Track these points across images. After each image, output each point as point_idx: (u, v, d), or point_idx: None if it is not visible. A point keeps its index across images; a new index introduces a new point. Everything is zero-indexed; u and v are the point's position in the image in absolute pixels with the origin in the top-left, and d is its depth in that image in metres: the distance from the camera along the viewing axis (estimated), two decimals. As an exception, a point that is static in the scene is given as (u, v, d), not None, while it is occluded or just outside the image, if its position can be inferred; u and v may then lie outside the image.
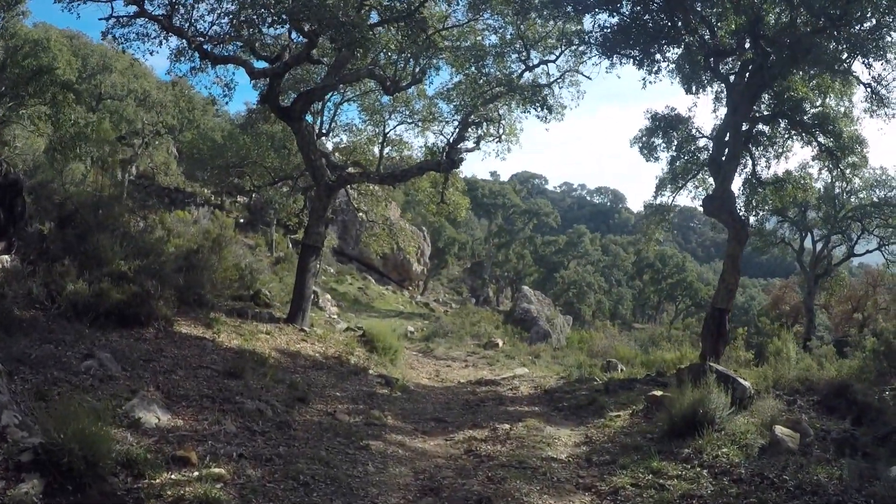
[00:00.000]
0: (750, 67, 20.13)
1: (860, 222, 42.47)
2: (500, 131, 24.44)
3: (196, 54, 18.72)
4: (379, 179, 23.74)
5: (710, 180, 23.60)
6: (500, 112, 24.15)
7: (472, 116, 23.07)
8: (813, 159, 26.05)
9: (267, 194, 31.40)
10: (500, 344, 30.58)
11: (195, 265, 19.05)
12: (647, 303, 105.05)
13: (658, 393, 14.19)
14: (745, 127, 21.21)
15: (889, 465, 9.06)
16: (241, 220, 49.34)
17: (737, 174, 22.18)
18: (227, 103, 25.53)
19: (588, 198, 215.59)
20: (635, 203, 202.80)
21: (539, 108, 22.26)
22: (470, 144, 24.45)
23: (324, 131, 27.14)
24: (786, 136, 23.58)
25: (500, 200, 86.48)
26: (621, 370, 24.24)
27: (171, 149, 48.37)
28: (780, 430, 10.57)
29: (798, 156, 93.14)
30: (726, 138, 21.31)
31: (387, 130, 26.59)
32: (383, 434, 11.97)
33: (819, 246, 45.27)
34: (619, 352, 29.73)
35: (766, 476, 9.12)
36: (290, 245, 47.61)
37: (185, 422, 9.89)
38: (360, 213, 27.72)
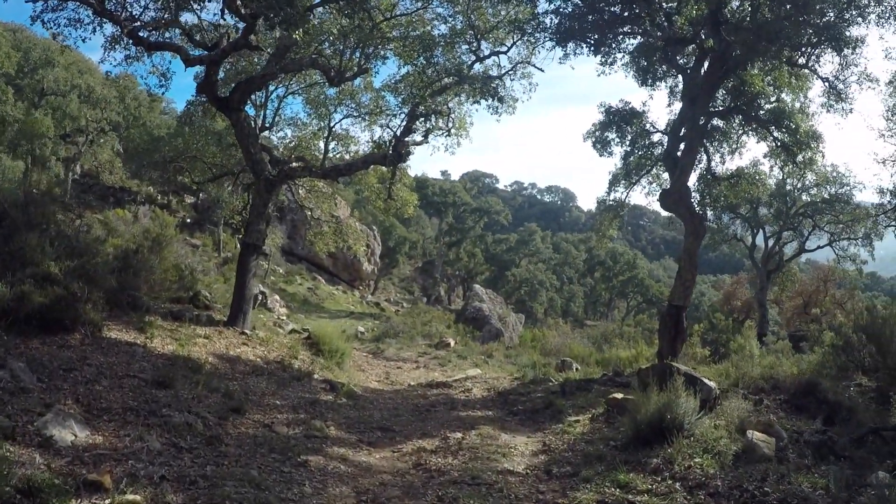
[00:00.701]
0: (709, 57, 19.60)
1: (811, 218, 43.17)
2: (450, 125, 23.78)
3: (130, 42, 17.68)
4: (322, 174, 22.81)
5: (665, 176, 23.43)
6: (450, 105, 23.54)
7: (421, 108, 22.28)
8: (765, 156, 26.41)
9: (209, 191, 30.00)
10: (452, 343, 29.88)
11: (131, 266, 18.25)
12: (598, 300, 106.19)
13: (619, 395, 13.36)
14: (701, 121, 20.61)
15: (873, 470, 8.42)
16: (188, 220, 48.60)
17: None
18: (163, 93, 24.28)
19: (539, 196, 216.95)
20: (586, 202, 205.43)
21: (490, 100, 21.78)
22: (418, 138, 23.82)
23: (267, 125, 26.10)
24: (740, 131, 23.47)
25: (451, 198, 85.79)
26: (576, 369, 23.85)
27: (116, 147, 46.93)
28: (753, 434, 9.83)
29: (752, 152, 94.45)
30: (682, 132, 20.87)
31: (332, 124, 25.85)
32: (324, 447, 10.96)
33: (771, 242, 45.75)
34: (573, 350, 29.42)
35: (745, 489, 8.29)
36: (238, 245, 45.32)
37: (105, 438, 8.84)
38: (307, 211, 26.70)
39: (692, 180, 22.01)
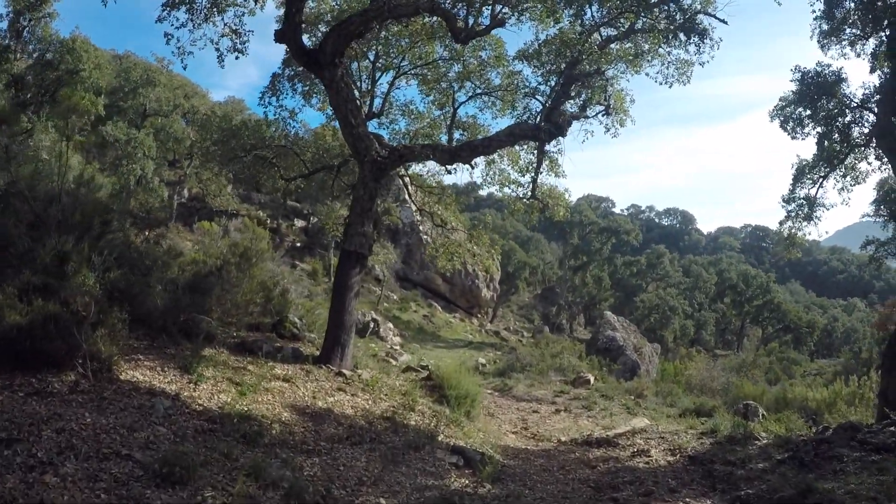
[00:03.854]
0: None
1: None
2: (608, 98, 18.94)
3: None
4: (450, 155, 17.56)
5: (864, 167, 21.37)
6: (607, 74, 18.79)
7: (579, 67, 17.53)
8: None
9: (319, 212, 25.27)
10: (592, 380, 25.48)
11: (200, 284, 15.00)
12: (728, 327, 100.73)
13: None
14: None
15: None
16: (298, 244, 47.78)
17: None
18: (237, 58, 19.89)
19: (657, 220, 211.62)
20: (705, 224, 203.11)
21: (689, 38, 17.54)
22: (574, 110, 18.95)
23: (374, 111, 21.18)
24: None
25: (577, 217, 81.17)
26: (763, 416, 19.18)
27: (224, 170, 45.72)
28: None
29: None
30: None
31: (456, 106, 20.77)
32: None
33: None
34: (743, 389, 25.04)
35: None
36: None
37: None
38: (421, 217, 21.94)
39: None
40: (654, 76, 19.07)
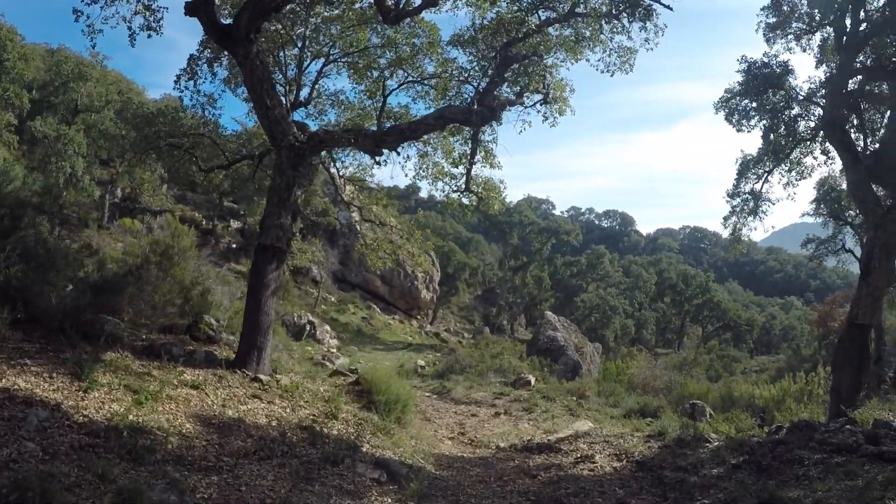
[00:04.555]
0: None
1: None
2: (547, 87, 18.13)
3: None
4: (374, 141, 16.21)
5: (810, 161, 21.53)
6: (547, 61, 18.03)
7: (520, 46, 16.76)
8: None
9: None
10: (533, 381, 24.77)
11: (108, 283, 14.20)
12: (668, 326, 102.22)
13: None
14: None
15: None
16: (234, 246, 47.01)
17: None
18: (150, 36, 17.98)
19: (597, 221, 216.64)
20: (645, 226, 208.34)
21: (632, 19, 16.68)
22: (511, 97, 18.04)
23: (301, 100, 19.98)
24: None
25: (516, 217, 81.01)
26: (710, 416, 18.98)
27: (158, 168, 44.20)
28: None
29: None
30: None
31: (386, 93, 19.51)
32: None
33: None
34: (687, 388, 24.90)
35: None
36: (287, 271, 44.11)
37: None
38: (352, 211, 20.81)
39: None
40: (596, 64, 18.42)
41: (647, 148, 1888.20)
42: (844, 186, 27.07)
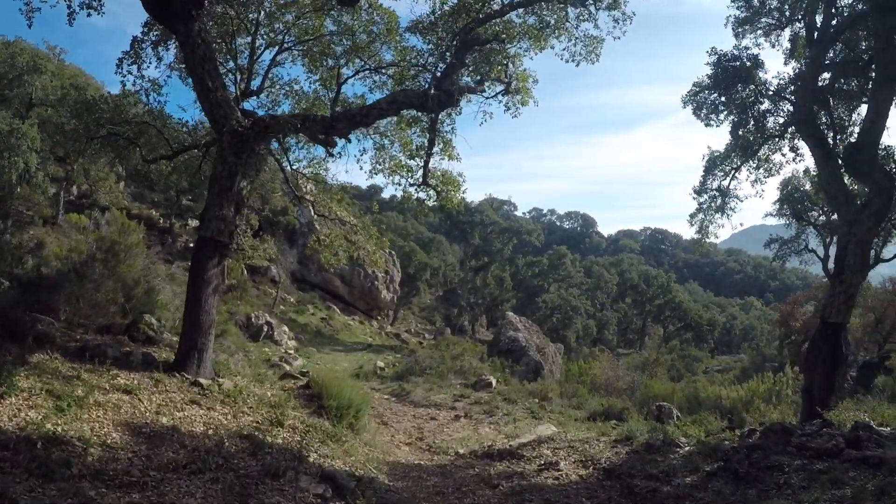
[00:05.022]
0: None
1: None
2: (510, 77, 17.68)
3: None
4: (324, 126, 15.36)
5: (778, 158, 21.36)
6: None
7: (479, 30, 16.21)
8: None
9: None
10: (494, 383, 24.60)
11: (44, 280, 13.95)
12: (629, 326, 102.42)
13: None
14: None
15: None
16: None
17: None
18: (88, 15, 16.58)
19: (558, 223, 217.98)
20: (606, 227, 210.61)
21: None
22: (471, 83, 17.59)
23: (253, 89, 19.05)
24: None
25: (478, 217, 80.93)
26: (678, 418, 18.64)
27: (102, 159, 43.37)
28: None
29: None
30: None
31: (341, 81, 18.79)
32: None
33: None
34: (652, 389, 25.05)
35: None
36: (244, 271, 44.29)
37: None
38: (306, 204, 19.94)
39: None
40: (561, 53, 17.90)
41: (610, 151, 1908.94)
42: (808, 187, 26.97)
